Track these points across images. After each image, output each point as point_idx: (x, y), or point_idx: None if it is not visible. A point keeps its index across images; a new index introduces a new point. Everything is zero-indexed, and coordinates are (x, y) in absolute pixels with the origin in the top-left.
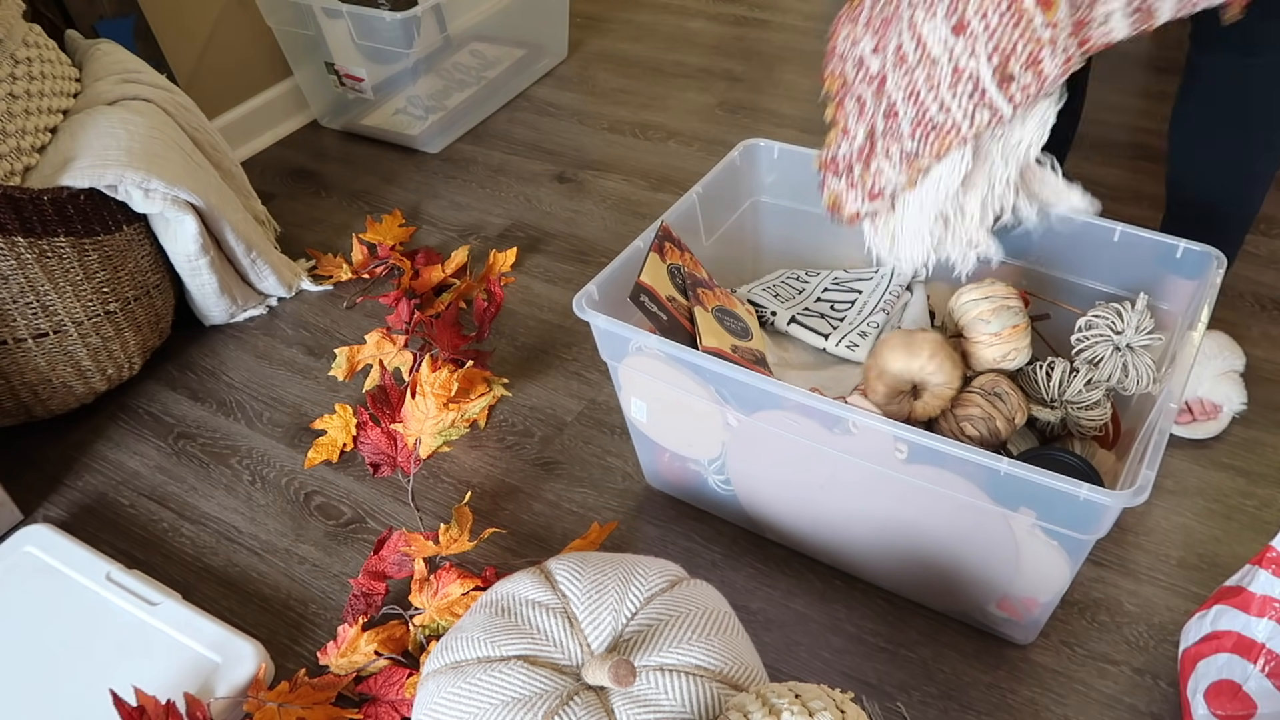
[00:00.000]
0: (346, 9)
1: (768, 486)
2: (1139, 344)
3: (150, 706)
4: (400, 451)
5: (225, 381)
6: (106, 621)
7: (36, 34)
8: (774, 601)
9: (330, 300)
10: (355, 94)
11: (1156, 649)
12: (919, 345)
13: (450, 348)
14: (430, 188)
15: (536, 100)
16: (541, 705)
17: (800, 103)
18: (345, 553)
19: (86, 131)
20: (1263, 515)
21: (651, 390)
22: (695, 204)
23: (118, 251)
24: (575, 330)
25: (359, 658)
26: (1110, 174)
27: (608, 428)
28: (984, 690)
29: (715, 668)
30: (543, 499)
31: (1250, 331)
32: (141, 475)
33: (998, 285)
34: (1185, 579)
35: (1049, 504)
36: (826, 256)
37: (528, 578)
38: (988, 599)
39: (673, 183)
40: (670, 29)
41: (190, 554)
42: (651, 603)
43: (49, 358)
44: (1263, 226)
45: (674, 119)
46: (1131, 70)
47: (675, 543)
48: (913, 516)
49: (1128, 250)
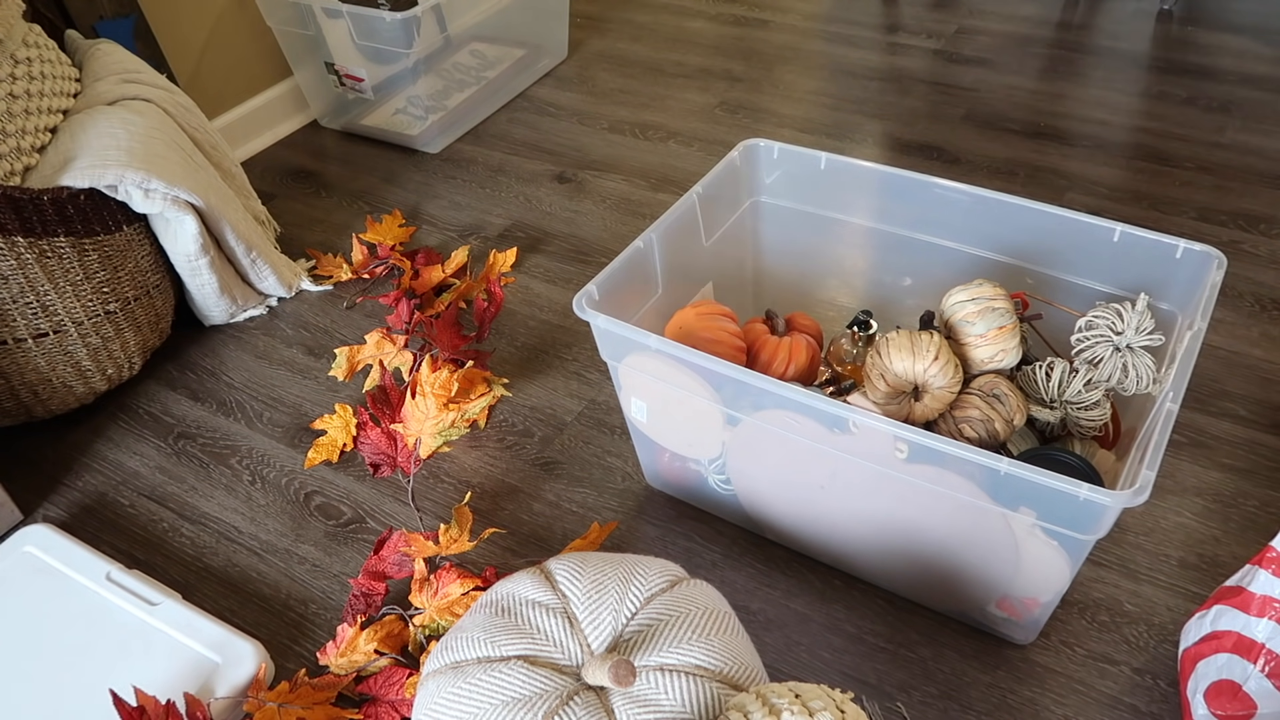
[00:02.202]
0: (346, 9)
1: (768, 486)
2: (1139, 344)
3: (150, 706)
4: (400, 451)
5: (225, 381)
6: (106, 621)
7: (36, 34)
8: (774, 601)
9: (330, 300)
10: (355, 94)
11: (1156, 649)
12: (924, 347)
13: (450, 348)
14: (430, 188)
15: (536, 100)
16: (541, 705)
17: (800, 103)
18: (345, 553)
19: (86, 131)
20: (1263, 515)
21: (651, 390)
22: (695, 204)
23: (118, 251)
24: (575, 330)
25: (359, 658)
26: (1110, 174)
27: (608, 428)
28: (984, 690)
29: (715, 668)
30: (543, 499)
31: (1250, 331)
32: (141, 475)
33: (985, 286)
34: (1185, 579)
35: (1049, 504)
36: (826, 257)
37: (528, 578)
38: (988, 599)
39: (673, 183)
40: (670, 29)
41: (190, 554)
42: (652, 603)
43: (49, 358)
44: (1263, 226)
45: (674, 119)
46: (1131, 70)
47: (675, 543)
48: (913, 516)
49: (1128, 250)
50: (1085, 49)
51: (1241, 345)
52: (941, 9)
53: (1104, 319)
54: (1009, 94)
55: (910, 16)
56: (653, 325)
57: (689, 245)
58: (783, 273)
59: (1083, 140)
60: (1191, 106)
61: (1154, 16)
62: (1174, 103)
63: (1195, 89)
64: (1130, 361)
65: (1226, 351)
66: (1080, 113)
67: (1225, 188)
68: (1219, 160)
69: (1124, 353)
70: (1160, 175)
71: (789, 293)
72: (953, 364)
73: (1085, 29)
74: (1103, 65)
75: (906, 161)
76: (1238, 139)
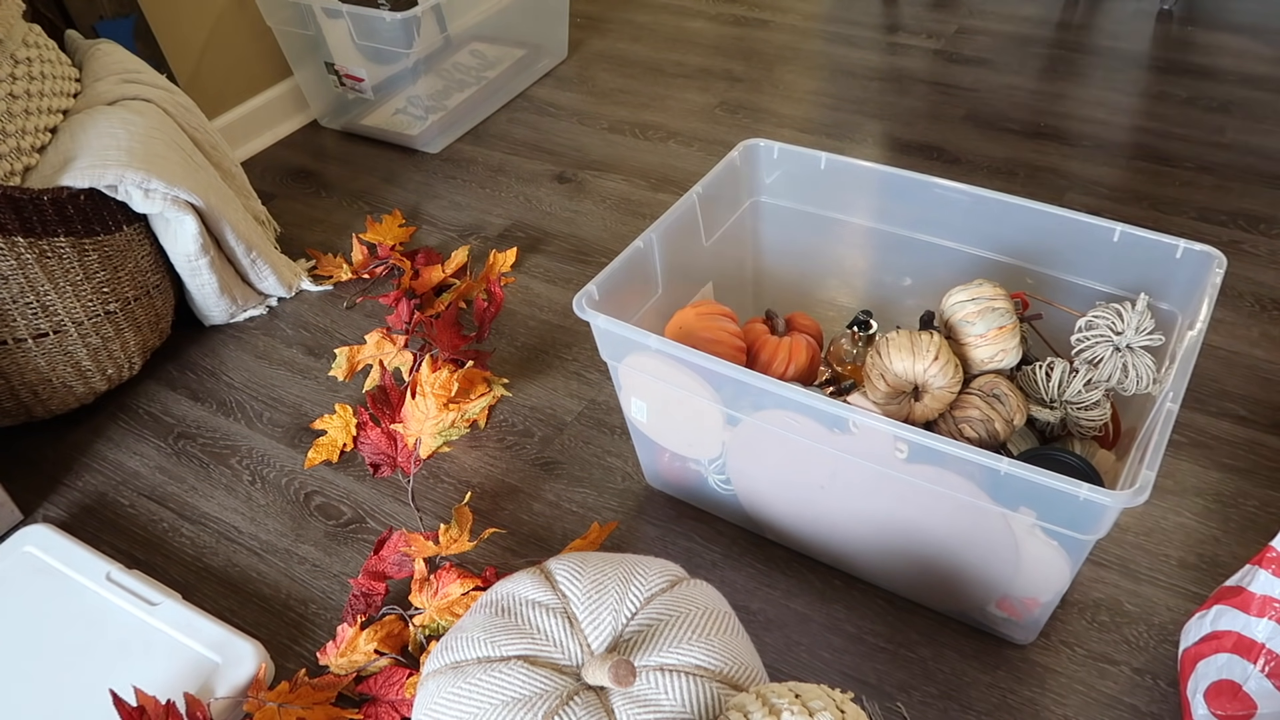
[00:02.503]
0: (346, 9)
1: (768, 486)
2: (1139, 344)
3: (150, 706)
4: (400, 451)
5: (225, 381)
6: (106, 621)
7: (36, 34)
8: (774, 601)
9: (330, 300)
10: (355, 94)
11: (1156, 649)
12: (925, 347)
13: (450, 348)
14: (430, 188)
15: (536, 100)
16: (541, 705)
17: (800, 103)
18: (345, 553)
19: (86, 131)
20: (1263, 515)
21: (651, 390)
22: (695, 204)
23: (118, 251)
24: (575, 330)
25: (359, 658)
26: (1110, 174)
27: (608, 428)
28: (984, 690)
29: (715, 668)
30: (543, 499)
31: (1250, 331)
32: (141, 475)
33: (985, 286)
34: (1185, 579)
35: (1049, 504)
36: (825, 257)
37: (528, 578)
38: (988, 599)
39: (673, 183)
40: (670, 29)
41: (190, 554)
42: (652, 603)
43: (49, 358)
44: (1263, 226)
45: (674, 119)
46: (1131, 70)
47: (675, 543)
48: (913, 516)
49: (1128, 250)
50: (1085, 49)
51: (1241, 345)
52: (941, 9)
53: (1104, 319)
54: (1009, 94)
55: (910, 16)
56: (653, 325)
57: (689, 245)
58: (783, 273)
59: (1083, 140)
60: (1191, 106)
61: (1154, 16)
62: (1174, 103)
63: (1195, 89)
64: (1130, 361)
65: (1226, 351)
66: (1080, 113)
67: (1225, 188)
68: (1219, 160)
69: (1124, 353)
70: (1160, 175)
71: (789, 293)
72: (953, 364)
73: (1085, 29)
74: (1103, 65)
75: (906, 161)
76: (1238, 139)
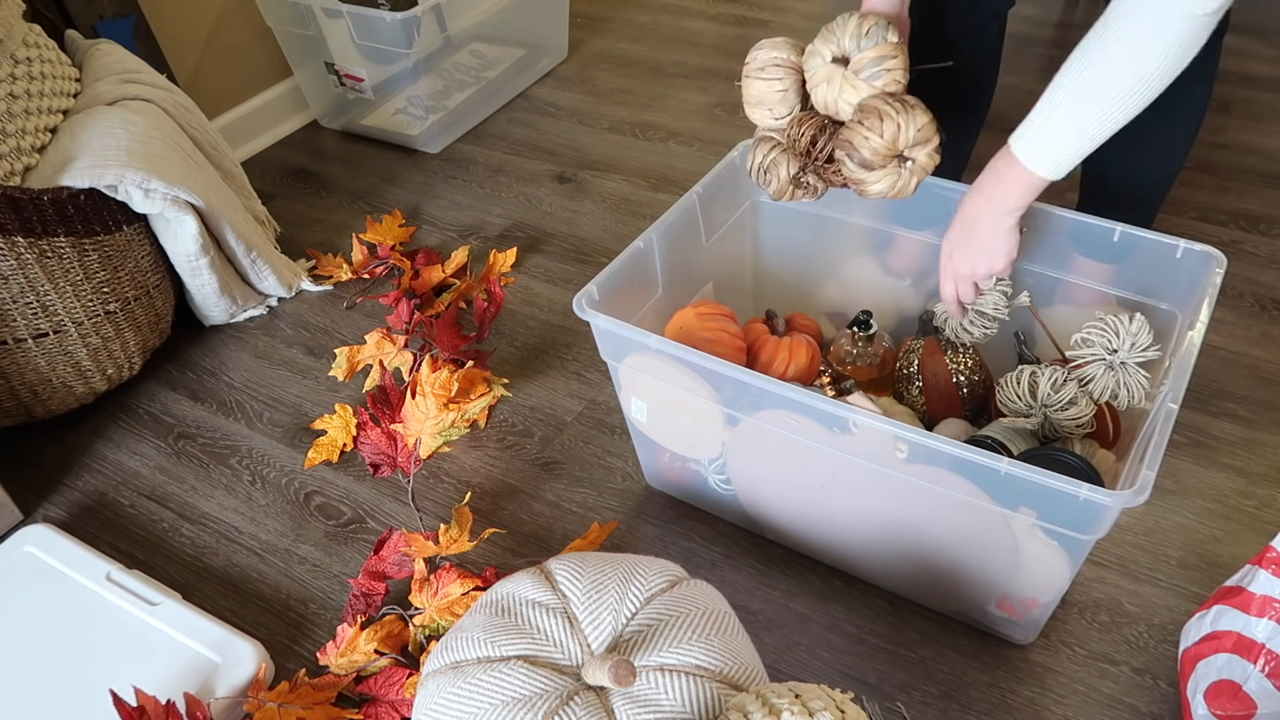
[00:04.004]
0: (346, 9)
1: (768, 486)
2: (1134, 361)
3: (150, 706)
4: (400, 451)
5: (225, 381)
6: (106, 621)
7: (36, 34)
8: (774, 601)
9: (330, 300)
10: (355, 94)
11: (1156, 649)
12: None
13: (450, 348)
14: (430, 188)
15: (536, 100)
16: (541, 705)
17: None
18: (345, 553)
19: (86, 131)
20: (1263, 515)
21: (651, 390)
22: (695, 204)
23: (118, 251)
24: (575, 330)
25: (359, 657)
26: None
27: (608, 428)
28: (984, 690)
29: (715, 668)
30: (543, 499)
31: (1250, 331)
32: (141, 475)
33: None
34: (1185, 579)
35: (1049, 504)
36: (825, 257)
37: (528, 578)
38: (988, 599)
39: (673, 183)
40: (670, 29)
41: (190, 554)
42: (651, 603)
43: (49, 358)
44: (1263, 226)
45: (674, 119)
46: None
47: (675, 543)
48: (913, 516)
49: (1128, 250)
50: None
51: (1241, 345)
52: None
53: (1100, 336)
54: (1009, 94)
55: None
56: (653, 325)
57: (689, 245)
58: (783, 273)
59: None
60: None
61: None
62: None
63: None
64: (1122, 379)
65: (1226, 351)
66: None
67: (1225, 188)
68: (1219, 160)
69: (1117, 370)
70: None
71: (789, 293)
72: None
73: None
74: None
75: None
76: (1238, 139)
